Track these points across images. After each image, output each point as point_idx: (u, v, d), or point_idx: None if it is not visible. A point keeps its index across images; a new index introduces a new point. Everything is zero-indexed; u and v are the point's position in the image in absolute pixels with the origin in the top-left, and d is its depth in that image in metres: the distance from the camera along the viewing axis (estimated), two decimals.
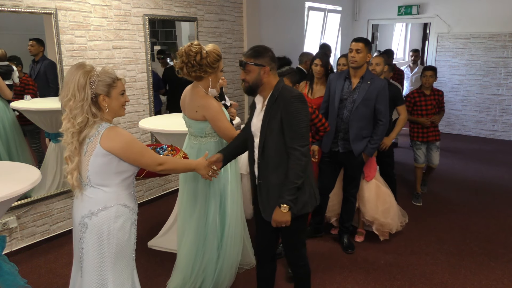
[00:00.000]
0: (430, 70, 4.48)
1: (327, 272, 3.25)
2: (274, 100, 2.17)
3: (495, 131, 7.63)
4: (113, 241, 1.96)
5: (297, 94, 2.15)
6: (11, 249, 3.46)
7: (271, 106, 2.17)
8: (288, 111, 2.12)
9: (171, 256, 3.37)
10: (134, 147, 1.94)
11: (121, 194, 1.99)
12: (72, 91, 1.84)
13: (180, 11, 4.69)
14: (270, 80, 2.20)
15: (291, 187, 2.13)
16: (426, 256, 3.50)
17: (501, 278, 3.19)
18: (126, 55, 4.17)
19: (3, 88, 3.52)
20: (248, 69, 2.17)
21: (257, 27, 5.85)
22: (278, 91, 2.18)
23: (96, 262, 1.97)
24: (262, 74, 2.16)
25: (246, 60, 2.18)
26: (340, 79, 3.35)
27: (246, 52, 2.23)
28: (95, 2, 3.80)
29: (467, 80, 7.74)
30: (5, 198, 2.20)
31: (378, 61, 3.89)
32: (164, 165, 2.08)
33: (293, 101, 2.13)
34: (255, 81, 2.18)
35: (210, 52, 2.62)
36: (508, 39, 7.23)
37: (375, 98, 3.22)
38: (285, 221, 2.16)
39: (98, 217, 1.94)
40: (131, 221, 2.04)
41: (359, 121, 3.26)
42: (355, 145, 3.30)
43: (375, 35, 9.97)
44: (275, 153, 2.19)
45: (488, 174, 5.65)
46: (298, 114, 2.12)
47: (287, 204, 2.13)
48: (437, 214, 4.37)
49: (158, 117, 4.32)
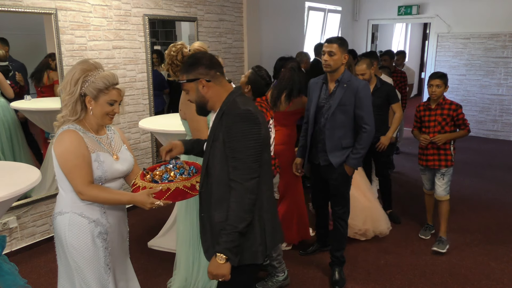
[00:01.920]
0: (437, 78, 3.51)
1: (327, 272, 3.25)
2: (219, 117, 1.75)
3: (495, 131, 7.63)
4: (70, 249, 1.86)
5: (243, 111, 1.69)
6: (11, 249, 3.46)
7: (216, 125, 1.75)
8: (231, 133, 1.67)
9: (171, 256, 3.36)
10: (68, 160, 1.78)
11: (78, 203, 1.86)
12: (65, 83, 1.84)
13: (180, 11, 4.69)
14: (215, 92, 1.78)
15: (230, 231, 1.66)
16: (426, 256, 3.50)
17: (501, 278, 3.19)
18: (126, 55, 4.17)
19: (6, 87, 3.54)
20: (186, 88, 1.81)
21: (257, 27, 5.85)
22: (226, 105, 1.75)
23: (63, 265, 1.94)
24: (201, 88, 1.76)
25: (180, 79, 1.81)
26: (318, 84, 3.03)
27: None
28: (95, 2, 3.80)
29: (467, 80, 7.74)
30: (5, 198, 2.20)
31: (362, 70, 3.76)
32: (84, 195, 1.81)
33: (237, 120, 1.67)
34: (198, 99, 1.80)
35: (194, 50, 2.61)
36: (508, 39, 7.23)
37: (353, 103, 2.86)
38: (221, 274, 1.69)
39: (56, 220, 1.90)
40: (92, 233, 1.87)
41: (337, 130, 2.90)
42: (333, 156, 2.93)
43: (375, 35, 9.97)
44: (218, 183, 1.74)
45: (488, 174, 5.65)
46: (243, 138, 1.66)
47: (224, 253, 1.66)
48: (437, 214, 4.36)
49: (158, 117, 4.32)
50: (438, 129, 3.52)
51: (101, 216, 1.92)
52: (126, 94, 4.20)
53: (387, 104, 3.99)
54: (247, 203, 1.67)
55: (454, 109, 3.48)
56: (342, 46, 2.85)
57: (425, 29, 12.14)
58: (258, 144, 1.70)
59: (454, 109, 3.48)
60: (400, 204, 4.55)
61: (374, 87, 3.90)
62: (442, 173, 3.60)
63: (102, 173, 1.86)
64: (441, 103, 3.55)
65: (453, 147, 3.57)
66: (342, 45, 2.85)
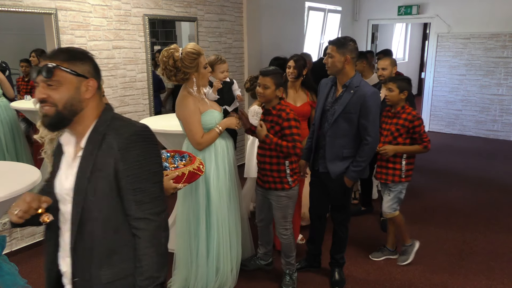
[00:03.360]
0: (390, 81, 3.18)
1: (327, 272, 3.25)
2: (99, 139, 1.32)
3: (495, 131, 7.63)
4: None
5: (140, 129, 1.34)
6: (11, 249, 3.46)
7: (92, 151, 1.32)
8: (128, 160, 1.30)
9: (171, 256, 3.36)
10: None
11: None
12: None
13: (180, 11, 4.69)
14: (94, 103, 1.36)
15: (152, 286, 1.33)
16: (426, 256, 3.50)
17: (501, 278, 3.19)
18: (126, 55, 4.17)
19: (8, 88, 3.56)
20: (57, 79, 1.28)
21: (257, 27, 5.85)
22: (107, 123, 1.35)
23: None
24: (84, 91, 1.32)
25: (55, 63, 1.28)
26: (328, 86, 2.87)
27: (49, 53, 1.35)
28: (95, 2, 3.80)
29: (467, 80, 7.74)
30: (5, 198, 2.19)
31: (385, 64, 3.59)
32: None
33: (136, 141, 1.32)
34: (68, 102, 1.30)
35: (185, 53, 2.60)
36: (508, 39, 7.23)
37: (358, 111, 2.66)
38: None
39: None
40: None
41: (340, 138, 2.74)
42: (332, 165, 2.79)
43: (375, 35, 9.97)
44: (104, 229, 1.33)
45: (488, 175, 5.65)
46: (145, 163, 1.32)
47: None
48: (437, 214, 4.37)
49: (158, 117, 4.32)
50: (389, 139, 3.18)
51: None
52: (126, 94, 4.21)
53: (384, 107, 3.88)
54: (164, 243, 1.36)
55: (410, 120, 3.10)
56: (341, 47, 2.66)
57: (425, 29, 12.14)
58: (161, 169, 1.40)
59: (410, 120, 3.10)
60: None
61: None
62: (389, 188, 3.25)
63: None
64: (398, 112, 3.16)
65: (405, 161, 3.17)
66: (340, 47, 2.66)
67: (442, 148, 7.02)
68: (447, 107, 8.03)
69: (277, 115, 2.72)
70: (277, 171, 2.81)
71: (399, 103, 3.16)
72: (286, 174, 2.82)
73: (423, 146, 3.13)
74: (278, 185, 2.84)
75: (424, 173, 5.69)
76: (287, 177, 2.83)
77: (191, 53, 2.60)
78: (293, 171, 2.86)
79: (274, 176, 2.83)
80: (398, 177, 3.18)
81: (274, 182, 2.84)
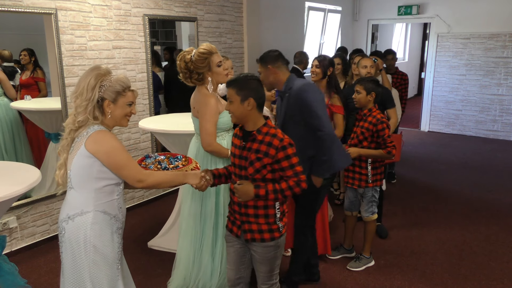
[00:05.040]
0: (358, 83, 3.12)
1: (327, 271, 3.25)
2: None
3: (495, 131, 7.63)
4: (90, 248, 1.88)
5: None
6: (11, 249, 3.46)
7: None
8: None
9: (171, 256, 3.36)
10: (118, 155, 1.87)
11: (101, 201, 1.91)
12: (81, 90, 1.87)
13: (180, 11, 4.69)
14: None
15: None
16: (426, 256, 3.50)
17: (501, 278, 3.19)
18: (126, 55, 4.17)
19: (9, 88, 3.57)
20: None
21: (257, 27, 5.85)
22: None
23: (73, 268, 1.92)
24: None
25: None
26: (279, 99, 2.82)
27: None
28: (95, 2, 3.80)
29: (467, 80, 7.74)
30: (5, 198, 2.20)
31: (366, 63, 3.56)
32: (145, 182, 1.94)
33: None
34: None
35: (197, 53, 2.62)
36: (508, 39, 7.23)
37: (299, 110, 2.60)
38: None
39: (74, 222, 1.89)
40: (111, 229, 1.95)
41: (298, 142, 2.42)
42: None
43: (375, 35, 9.97)
44: None
45: (488, 175, 5.65)
46: None
47: None
48: (437, 214, 4.37)
49: (158, 117, 4.32)
50: (354, 142, 3.11)
51: (118, 211, 1.99)
52: None
53: (382, 109, 3.55)
54: None
55: (374, 124, 2.99)
56: (262, 61, 2.69)
57: (425, 29, 12.14)
58: None
59: (374, 123, 3.00)
60: (400, 203, 4.56)
61: None
62: (360, 194, 3.21)
63: None
64: (365, 114, 3.08)
65: (370, 166, 3.10)
66: (262, 60, 2.69)
67: (442, 148, 7.02)
68: (447, 107, 8.03)
69: (267, 144, 2.02)
70: (264, 216, 2.10)
71: (367, 106, 3.07)
72: (276, 219, 2.12)
73: (386, 151, 3.01)
74: (265, 234, 2.10)
75: (424, 173, 5.70)
76: (277, 222, 2.13)
77: (201, 53, 2.62)
78: (284, 213, 2.17)
79: (260, 223, 2.10)
80: (365, 182, 3.12)
81: (260, 231, 2.10)
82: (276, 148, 2.00)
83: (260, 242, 2.11)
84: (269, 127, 2.07)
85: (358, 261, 3.31)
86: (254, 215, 2.10)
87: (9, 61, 3.58)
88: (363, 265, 3.30)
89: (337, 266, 3.34)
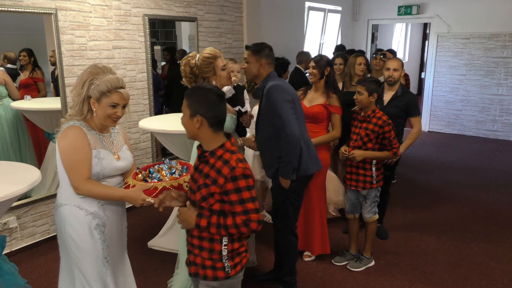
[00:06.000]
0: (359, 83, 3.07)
1: (327, 271, 3.25)
2: None
3: (495, 131, 7.63)
4: (70, 241, 1.95)
5: None
6: (11, 249, 3.46)
7: None
8: None
9: (171, 256, 3.36)
10: (70, 155, 1.86)
11: (76, 195, 1.93)
12: (75, 84, 1.94)
13: (180, 11, 4.69)
14: None
15: None
16: (426, 256, 3.50)
17: (501, 278, 3.19)
18: (126, 55, 4.17)
19: (13, 89, 3.58)
20: None
21: (257, 27, 5.85)
22: None
23: (65, 257, 2.03)
24: None
25: None
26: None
27: None
28: (95, 2, 3.80)
29: (467, 80, 7.74)
30: (5, 198, 2.19)
31: (395, 65, 3.45)
32: (79, 190, 1.88)
33: None
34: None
35: (201, 58, 2.64)
36: (508, 39, 7.23)
37: (268, 111, 2.61)
38: None
39: (57, 212, 2.00)
40: (89, 225, 1.94)
41: (270, 141, 2.67)
42: (268, 168, 2.77)
43: (375, 35, 9.97)
44: None
45: (488, 175, 5.65)
46: None
47: None
48: (437, 214, 4.37)
49: (158, 117, 4.32)
50: (359, 144, 3.05)
51: (99, 209, 1.99)
52: None
53: (404, 116, 3.54)
54: None
55: (380, 126, 2.96)
56: (256, 53, 2.64)
57: (425, 29, 12.14)
58: None
59: (380, 125, 2.96)
60: (400, 203, 4.55)
61: (394, 95, 3.53)
62: (364, 196, 3.16)
63: (100, 169, 1.94)
64: (369, 116, 3.03)
65: (375, 167, 3.08)
66: (255, 52, 2.64)
67: (442, 148, 7.02)
68: (447, 107, 8.03)
69: (216, 170, 1.72)
70: (208, 250, 1.80)
71: (369, 107, 3.03)
72: (222, 256, 1.80)
73: (392, 152, 3.01)
74: (207, 271, 1.81)
75: (424, 173, 5.70)
76: (223, 260, 1.80)
77: (206, 58, 2.63)
78: (235, 252, 1.82)
79: (204, 257, 1.82)
80: (370, 183, 3.09)
81: (203, 266, 1.82)
82: (225, 178, 1.68)
83: (203, 279, 1.83)
84: (225, 150, 1.76)
85: (358, 261, 3.31)
86: (199, 247, 1.81)
87: (14, 63, 3.58)
88: (363, 265, 3.30)
89: (337, 266, 3.34)
